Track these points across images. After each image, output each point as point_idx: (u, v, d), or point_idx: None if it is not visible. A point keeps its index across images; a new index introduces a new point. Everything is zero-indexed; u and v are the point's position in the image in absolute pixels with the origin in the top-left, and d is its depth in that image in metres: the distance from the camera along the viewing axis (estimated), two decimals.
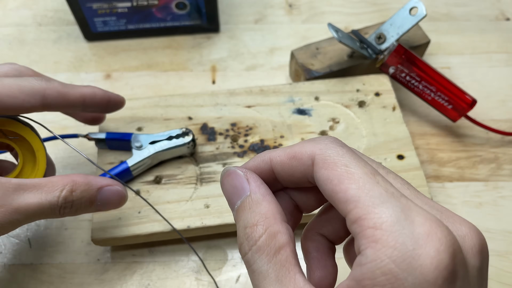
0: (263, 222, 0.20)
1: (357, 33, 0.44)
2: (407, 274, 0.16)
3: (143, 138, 0.37)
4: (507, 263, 0.38)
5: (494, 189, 0.42)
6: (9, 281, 0.37)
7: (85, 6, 0.47)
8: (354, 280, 0.17)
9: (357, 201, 0.18)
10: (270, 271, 0.19)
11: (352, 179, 0.18)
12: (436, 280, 0.16)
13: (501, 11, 0.55)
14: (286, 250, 0.19)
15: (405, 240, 0.17)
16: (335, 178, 0.19)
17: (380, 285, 0.17)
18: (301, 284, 0.19)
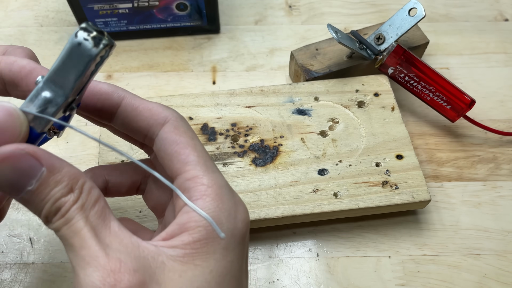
0: (77, 185, 0.20)
1: (357, 34, 0.44)
2: (225, 221, 0.21)
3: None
4: (505, 263, 0.38)
5: (492, 188, 0.42)
6: (11, 280, 0.37)
7: (86, 7, 0.47)
8: (178, 224, 0.21)
9: (195, 165, 0.22)
10: (87, 226, 0.20)
11: (195, 149, 0.23)
12: (243, 229, 0.22)
13: (499, 11, 0.55)
14: (101, 202, 0.21)
15: (228, 199, 0.22)
16: (181, 142, 0.23)
17: (204, 226, 0.21)
18: (116, 229, 0.21)
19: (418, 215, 0.40)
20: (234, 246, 0.22)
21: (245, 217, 0.23)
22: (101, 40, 0.20)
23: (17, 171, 0.19)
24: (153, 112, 0.24)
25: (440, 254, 0.38)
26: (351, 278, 0.37)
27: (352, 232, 0.40)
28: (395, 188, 0.37)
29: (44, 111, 0.21)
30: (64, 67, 0.20)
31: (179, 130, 0.24)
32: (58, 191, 0.20)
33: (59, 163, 0.20)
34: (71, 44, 0.20)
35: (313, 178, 0.38)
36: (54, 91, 0.21)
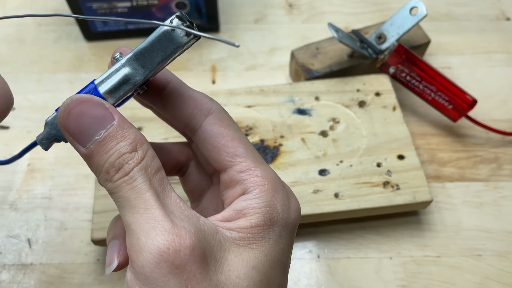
0: (142, 147, 0.21)
1: (357, 33, 0.44)
2: (281, 210, 0.22)
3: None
4: (507, 263, 0.38)
5: (494, 189, 0.41)
6: (9, 281, 0.37)
7: (85, 6, 0.47)
8: (234, 210, 0.22)
9: (246, 157, 0.23)
10: (151, 190, 0.20)
11: (241, 141, 0.23)
12: (295, 219, 0.23)
13: (501, 11, 0.55)
14: (162, 172, 0.21)
15: (281, 189, 0.23)
16: (228, 135, 0.23)
17: (262, 212, 0.22)
18: (177, 200, 0.21)
19: (419, 216, 0.40)
20: (286, 234, 0.22)
21: (297, 208, 0.24)
22: (193, 29, 0.21)
23: (91, 117, 0.20)
24: (197, 101, 0.24)
25: (441, 255, 0.38)
26: (352, 279, 0.37)
27: (353, 233, 0.39)
28: (397, 189, 0.37)
29: (122, 86, 0.22)
30: (152, 48, 0.21)
31: (224, 122, 0.24)
32: (123, 146, 0.20)
33: (127, 123, 0.21)
34: (164, 30, 0.21)
35: (314, 179, 0.37)
36: (135, 69, 0.21)
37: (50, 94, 0.47)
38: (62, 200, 0.41)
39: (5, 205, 0.40)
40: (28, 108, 0.47)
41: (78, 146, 0.20)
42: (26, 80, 0.49)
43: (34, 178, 0.42)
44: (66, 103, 0.20)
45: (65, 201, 0.41)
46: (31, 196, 0.41)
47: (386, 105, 0.41)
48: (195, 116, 0.24)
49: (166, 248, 0.18)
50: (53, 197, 0.41)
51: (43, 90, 0.48)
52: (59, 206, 0.40)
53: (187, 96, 0.24)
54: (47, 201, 0.41)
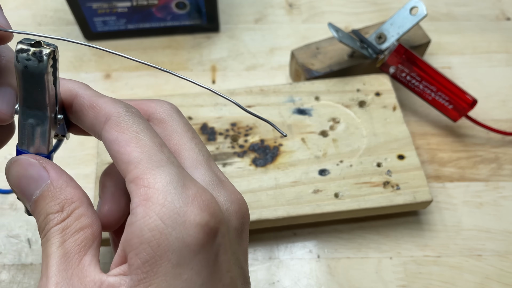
0: (69, 207, 0.20)
1: (358, 32, 0.44)
2: (171, 229, 0.18)
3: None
4: (507, 264, 0.38)
5: (494, 189, 0.41)
6: (9, 281, 0.37)
7: (85, 6, 0.47)
8: (122, 243, 0.18)
9: (138, 163, 0.19)
10: (58, 253, 0.19)
11: (138, 144, 0.20)
12: (197, 234, 0.18)
13: (501, 11, 0.54)
14: (86, 232, 0.20)
15: (173, 199, 0.18)
16: (123, 140, 0.20)
17: (147, 242, 0.17)
18: (86, 263, 0.19)
19: (419, 216, 0.40)
20: (190, 258, 0.18)
21: (202, 218, 0.18)
22: (42, 52, 0.20)
23: (27, 177, 0.20)
24: (96, 109, 0.21)
25: (441, 255, 0.38)
26: (352, 279, 0.37)
27: (353, 233, 0.39)
28: (397, 189, 0.37)
29: (39, 135, 0.22)
30: (28, 92, 0.20)
31: (121, 126, 0.20)
32: (50, 207, 0.20)
33: (64, 181, 0.21)
34: (19, 70, 0.20)
35: (314, 179, 0.37)
36: (35, 115, 0.21)
37: None
38: None
39: (5, 205, 0.40)
40: None
41: (26, 203, 0.21)
42: None
43: None
44: (7, 164, 0.21)
45: None
46: None
47: (386, 105, 0.41)
48: (94, 126, 0.22)
49: None
50: None
51: None
52: None
53: (87, 106, 0.22)
54: None
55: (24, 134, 0.21)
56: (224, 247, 0.20)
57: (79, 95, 0.22)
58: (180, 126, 0.23)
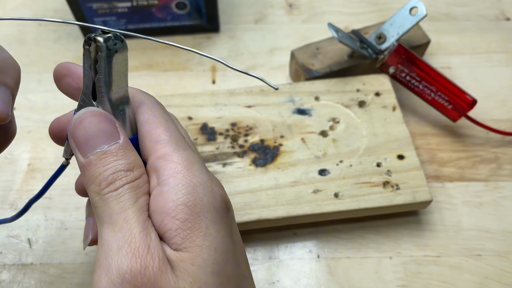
0: (138, 170, 0.21)
1: (357, 33, 0.44)
2: (203, 194, 0.21)
3: None
4: (507, 263, 0.38)
5: (494, 189, 0.42)
6: (9, 281, 0.37)
7: (85, 6, 0.47)
8: (155, 212, 0.20)
9: (166, 143, 0.22)
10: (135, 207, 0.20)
11: (167, 130, 0.23)
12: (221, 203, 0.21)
13: (501, 11, 0.55)
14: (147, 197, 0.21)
15: (201, 174, 0.21)
16: (154, 123, 0.23)
17: (183, 203, 0.20)
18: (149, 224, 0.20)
19: (419, 216, 0.40)
20: (220, 219, 0.21)
21: (222, 193, 0.22)
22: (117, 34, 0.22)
23: (99, 129, 0.21)
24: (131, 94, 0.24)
25: (441, 255, 0.38)
26: (352, 279, 0.37)
27: (353, 233, 0.39)
28: (396, 189, 0.37)
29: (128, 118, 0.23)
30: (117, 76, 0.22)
31: (153, 111, 0.23)
32: (121, 164, 0.21)
33: (131, 146, 0.22)
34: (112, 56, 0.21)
35: (314, 179, 0.37)
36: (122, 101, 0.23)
37: (50, 94, 0.47)
38: (62, 200, 0.41)
39: (5, 205, 0.40)
40: (28, 108, 0.47)
41: (78, 154, 0.21)
42: (27, 80, 0.49)
43: (34, 178, 0.42)
44: (81, 112, 0.21)
45: (65, 201, 0.41)
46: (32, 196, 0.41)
47: (386, 105, 0.41)
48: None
49: (129, 270, 0.19)
50: (53, 197, 0.41)
51: (43, 90, 0.48)
52: (59, 206, 0.40)
53: None
54: (47, 201, 0.41)
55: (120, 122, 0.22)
56: (234, 221, 0.23)
57: None
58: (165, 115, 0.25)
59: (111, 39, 0.21)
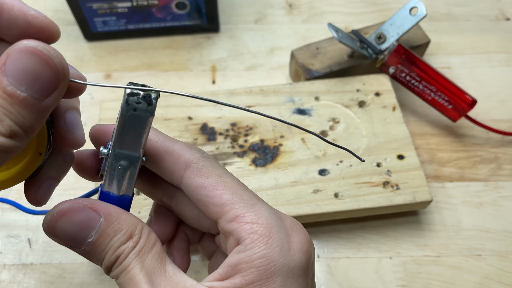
0: (136, 231, 0.21)
1: (357, 33, 0.44)
2: (279, 256, 0.20)
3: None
4: (507, 263, 0.38)
5: (494, 189, 0.42)
6: (10, 281, 0.37)
7: (85, 6, 0.47)
8: (229, 266, 0.20)
9: (232, 204, 0.21)
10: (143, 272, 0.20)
11: (226, 187, 0.22)
12: (301, 260, 0.21)
13: (501, 11, 0.55)
14: (158, 245, 0.21)
15: (277, 231, 0.21)
16: (209, 185, 0.22)
17: (255, 267, 0.20)
18: (171, 272, 0.20)
19: (419, 216, 0.40)
20: (293, 281, 0.20)
21: (302, 245, 0.21)
22: (151, 96, 0.20)
23: (77, 224, 0.20)
24: (173, 156, 0.23)
25: (441, 255, 0.38)
26: (352, 279, 0.37)
27: (353, 233, 0.39)
28: (396, 189, 0.37)
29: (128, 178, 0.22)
30: (128, 134, 0.21)
31: (203, 172, 0.22)
32: (117, 240, 0.20)
33: (116, 212, 0.21)
34: (126, 113, 0.20)
35: (314, 179, 0.37)
36: (127, 159, 0.21)
37: None
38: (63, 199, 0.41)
39: (5, 205, 0.40)
40: None
41: (73, 248, 0.21)
42: None
43: None
44: (48, 219, 0.20)
45: None
46: None
47: (386, 105, 0.41)
48: (174, 172, 0.23)
49: None
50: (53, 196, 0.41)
51: None
52: None
53: (163, 151, 0.23)
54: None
55: (113, 176, 0.21)
56: (314, 269, 0.22)
57: (151, 140, 0.23)
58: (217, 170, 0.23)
59: (138, 96, 0.20)
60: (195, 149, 0.23)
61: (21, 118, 0.17)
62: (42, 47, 0.17)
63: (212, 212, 0.22)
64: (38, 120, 0.18)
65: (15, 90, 0.17)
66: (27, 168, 0.21)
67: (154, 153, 0.23)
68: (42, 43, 0.17)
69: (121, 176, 0.22)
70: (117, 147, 0.21)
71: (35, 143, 0.20)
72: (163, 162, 0.23)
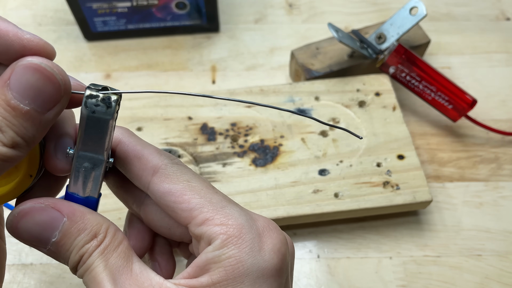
0: (101, 230, 0.20)
1: (357, 33, 0.44)
2: (248, 256, 0.20)
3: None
4: (507, 263, 0.38)
5: (494, 189, 0.41)
6: (9, 281, 0.37)
7: (85, 6, 0.47)
8: (197, 266, 0.20)
9: (201, 207, 0.21)
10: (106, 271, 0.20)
11: (194, 191, 0.21)
12: (272, 260, 0.20)
13: (501, 11, 0.55)
14: (124, 243, 0.21)
15: (248, 231, 0.20)
16: (177, 191, 0.21)
17: (224, 266, 0.20)
18: (137, 271, 0.20)
19: (419, 216, 0.40)
20: (263, 282, 0.20)
21: (274, 245, 0.21)
22: (110, 98, 0.19)
23: (39, 224, 0.20)
24: (142, 161, 0.22)
25: (441, 255, 0.38)
26: (352, 279, 0.37)
27: (353, 233, 0.39)
28: (396, 189, 0.37)
29: (92, 179, 0.21)
30: (90, 137, 0.20)
31: (171, 177, 0.22)
32: (81, 239, 0.20)
33: (80, 212, 0.20)
34: (85, 115, 0.20)
35: (314, 179, 0.37)
36: (90, 160, 0.21)
37: None
38: None
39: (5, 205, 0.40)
40: None
41: (39, 248, 0.20)
42: None
43: None
44: (10, 219, 0.20)
45: None
46: None
47: (386, 105, 0.41)
48: (141, 177, 0.22)
49: None
50: None
51: None
52: None
53: (133, 156, 0.22)
54: None
55: (78, 177, 0.21)
56: (290, 269, 0.22)
57: (122, 142, 0.23)
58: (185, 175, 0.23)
59: (97, 99, 0.19)
60: (165, 154, 0.23)
61: (23, 129, 0.18)
62: (46, 64, 0.18)
63: (182, 218, 0.21)
64: (40, 132, 0.18)
65: (19, 103, 0.18)
66: (16, 188, 0.21)
67: (124, 156, 0.23)
68: (46, 60, 0.18)
69: (86, 178, 0.21)
70: (80, 149, 0.21)
71: (26, 164, 0.21)
72: (132, 166, 0.22)
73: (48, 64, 0.18)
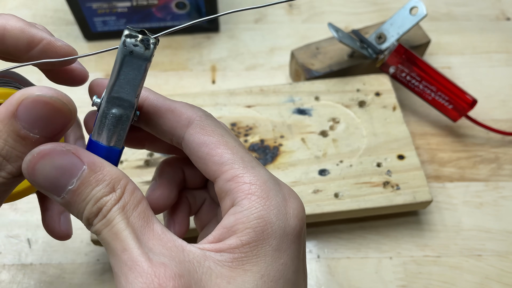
0: (120, 185, 0.20)
1: (358, 32, 0.44)
2: (276, 219, 0.20)
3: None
4: (507, 264, 0.38)
5: (494, 189, 0.41)
6: (9, 281, 0.36)
7: (84, 6, 0.47)
8: (224, 228, 0.20)
9: (232, 163, 0.21)
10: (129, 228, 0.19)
11: (227, 146, 0.21)
12: (296, 226, 0.21)
13: (501, 11, 0.54)
14: (144, 204, 0.20)
15: (275, 194, 0.21)
16: (211, 143, 0.21)
17: (252, 227, 0.20)
18: (159, 231, 0.20)
19: (419, 216, 0.40)
20: (287, 246, 0.20)
21: (298, 212, 0.21)
22: (149, 40, 0.19)
23: (58, 168, 0.19)
24: (175, 113, 0.22)
25: (441, 255, 0.38)
26: (352, 279, 0.37)
27: (353, 233, 0.39)
28: (397, 189, 0.37)
29: (119, 129, 0.21)
30: (123, 78, 0.20)
31: (206, 129, 0.22)
32: (99, 190, 0.19)
33: (100, 162, 0.20)
34: (124, 55, 0.19)
35: (314, 179, 0.37)
36: (120, 106, 0.20)
37: None
38: None
39: (5, 205, 0.40)
40: None
41: (53, 196, 0.19)
42: None
43: None
44: (28, 159, 0.19)
45: None
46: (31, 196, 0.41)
47: (386, 105, 0.41)
48: (175, 129, 0.22)
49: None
50: None
51: None
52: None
53: (164, 109, 0.23)
54: None
55: (104, 124, 0.20)
56: (305, 239, 0.22)
57: (150, 98, 0.23)
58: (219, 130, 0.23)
59: (136, 39, 0.19)
60: (197, 107, 0.23)
61: None
62: (56, 97, 0.18)
63: (211, 171, 0.21)
64: None
65: (28, 133, 0.18)
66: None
67: (154, 111, 0.23)
68: (54, 91, 0.18)
69: (112, 125, 0.21)
70: (111, 93, 0.20)
71: None
72: (164, 119, 0.22)
73: (58, 97, 0.18)
